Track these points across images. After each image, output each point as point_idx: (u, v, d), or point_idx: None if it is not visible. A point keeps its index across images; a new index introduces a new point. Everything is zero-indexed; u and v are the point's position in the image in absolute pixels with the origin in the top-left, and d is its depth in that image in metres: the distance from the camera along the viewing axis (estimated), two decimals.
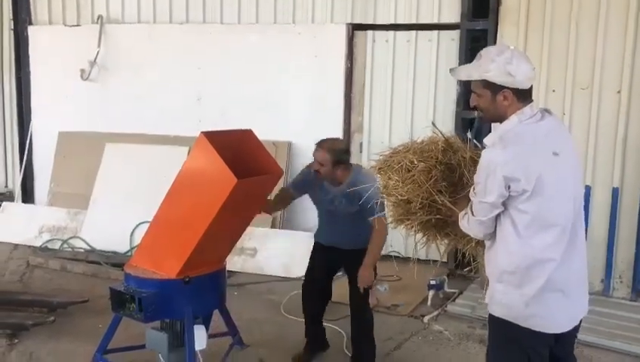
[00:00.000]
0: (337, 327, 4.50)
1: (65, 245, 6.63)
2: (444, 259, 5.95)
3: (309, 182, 3.89)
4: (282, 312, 4.94)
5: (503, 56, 2.36)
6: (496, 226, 2.42)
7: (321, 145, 3.76)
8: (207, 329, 3.64)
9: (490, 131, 5.52)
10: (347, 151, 3.88)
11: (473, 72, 2.43)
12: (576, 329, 2.55)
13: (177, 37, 6.98)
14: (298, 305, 4.62)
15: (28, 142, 7.81)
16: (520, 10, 5.48)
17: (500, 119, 2.42)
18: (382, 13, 6.19)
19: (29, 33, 7.68)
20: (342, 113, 6.33)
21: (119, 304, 3.47)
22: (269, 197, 3.84)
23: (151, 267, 3.48)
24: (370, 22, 6.26)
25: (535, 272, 2.34)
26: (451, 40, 5.96)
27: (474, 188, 2.44)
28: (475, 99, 2.46)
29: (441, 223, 2.80)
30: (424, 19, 6.05)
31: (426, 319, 4.86)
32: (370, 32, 6.28)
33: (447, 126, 6.01)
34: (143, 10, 7.19)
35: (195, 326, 3.45)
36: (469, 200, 2.51)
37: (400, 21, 6.14)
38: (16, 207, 7.49)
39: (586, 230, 5.09)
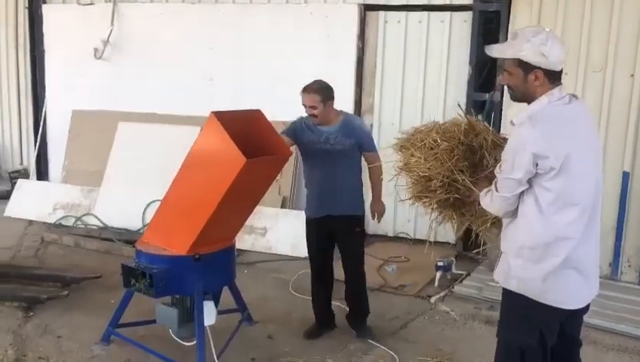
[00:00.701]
0: (345, 306, 4.55)
1: (78, 222, 6.74)
2: (452, 241, 6.04)
3: (300, 129, 4.00)
4: (290, 290, 5.02)
5: (539, 37, 2.41)
6: (518, 204, 2.48)
7: (306, 90, 3.89)
8: (216, 305, 3.73)
9: (501, 114, 5.56)
10: (331, 87, 3.97)
11: (507, 50, 2.49)
12: (586, 308, 2.63)
13: (190, 16, 6.98)
14: (306, 284, 4.71)
15: (42, 120, 7.90)
16: None
17: (529, 98, 2.47)
18: None
19: (44, 11, 7.72)
20: (353, 94, 6.32)
21: (131, 279, 3.56)
22: None
23: (162, 244, 3.56)
24: (383, 2, 6.22)
25: (554, 249, 2.41)
26: (464, 21, 5.92)
27: (500, 166, 2.50)
28: (506, 77, 2.52)
29: (458, 203, 2.86)
30: (437, 0, 6.01)
31: (432, 299, 4.91)
32: (382, 13, 6.24)
33: (458, 108, 6.02)
34: None
35: (205, 302, 3.54)
36: (489, 182, 2.59)
37: (412, 2, 6.09)
38: (31, 184, 7.60)
39: None
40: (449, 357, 3.93)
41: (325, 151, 3.94)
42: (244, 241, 6.08)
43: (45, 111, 7.88)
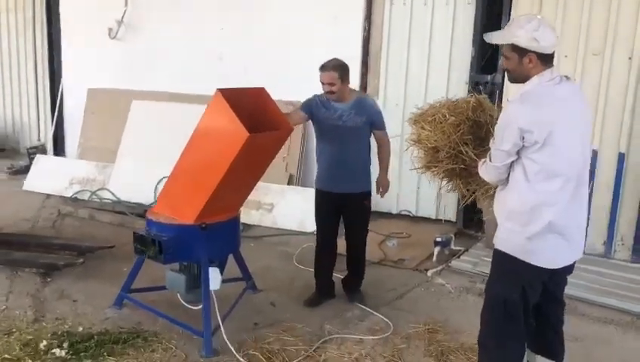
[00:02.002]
0: (341, 276, 4.76)
1: (93, 196, 7.01)
2: (453, 219, 6.21)
3: (316, 105, 4.18)
4: (294, 262, 5.25)
5: (531, 24, 2.67)
6: (509, 173, 2.76)
7: (325, 67, 4.08)
8: (221, 272, 3.95)
9: (501, 95, 5.69)
10: (347, 66, 4.18)
11: (504, 37, 2.76)
12: (569, 270, 2.90)
13: None
14: (309, 257, 4.93)
15: (59, 98, 8.16)
16: None
17: (524, 80, 2.73)
18: None
19: None
20: (359, 75, 6.48)
21: (142, 247, 3.80)
22: None
23: (171, 213, 3.79)
24: None
25: (539, 214, 2.68)
26: (467, 4, 6.04)
27: (494, 138, 2.78)
28: (504, 61, 2.79)
29: (464, 173, 3.15)
30: None
31: (429, 273, 5.11)
32: None
33: (460, 89, 6.16)
34: None
35: (210, 269, 3.76)
36: (488, 154, 2.86)
37: None
38: (49, 159, 7.89)
39: (591, 193, 5.28)
40: (441, 325, 4.14)
41: (338, 127, 4.13)
42: (251, 216, 6.31)
43: (62, 90, 8.14)
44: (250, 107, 3.56)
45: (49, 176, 7.38)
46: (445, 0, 6.16)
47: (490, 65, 6.16)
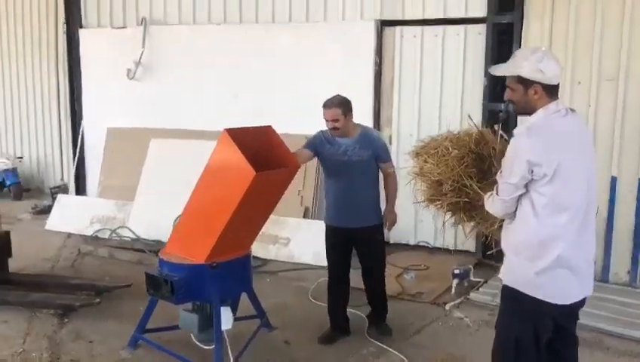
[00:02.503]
0: (359, 312, 4.71)
1: (113, 234, 7.09)
2: (472, 249, 6.13)
3: (320, 142, 4.21)
4: (310, 298, 5.21)
5: (535, 56, 2.68)
6: (517, 207, 2.72)
7: (328, 104, 4.12)
8: (234, 311, 3.94)
9: (515, 123, 5.69)
10: (350, 101, 4.19)
11: (509, 69, 2.77)
12: (579, 305, 2.82)
13: (216, 36, 7.31)
14: (325, 291, 4.88)
15: (80, 138, 8.34)
16: (545, 3, 5.53)
17: (530, 111, 2.72)
18: (410, 9, 6.34)
19: (80, 35, 8.20)
20: (372, 107, 6.52)
21: (154, 287, 3.82)
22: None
23: (182, 253, 3.81)
24: (399, 18, 6.41)
25: (547, 248, 2.63)
26: (478, 34, 6.06)
27: (501, 171, 2.76)
28: (509, 93, 2.79)
29: (468, 206, 3.11)
30: (451, 14, 6.17)
31: (447, 306, 5.02)
32: (398, 28, 6.44)
33: (474, 118, 6.10)
34: (183, 11, 7.56)
35: (222, 308, 3.75)
36: (494, 187, 2.83)
37: (428, 16, 6.27)
38: (70, 198, 8.03)
39: (612, 220, 5.18)
40: None
41: (344, 162, 4.14)
42: (268, 251, 6.32)
43: (82, 130, 8.32)
44: (258, 145, 3.59)
45: (70, 215, 7.50)
46: (456, 31, 6.19)
47: (503, 94, 6.13)
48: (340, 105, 4.07)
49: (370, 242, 4.28)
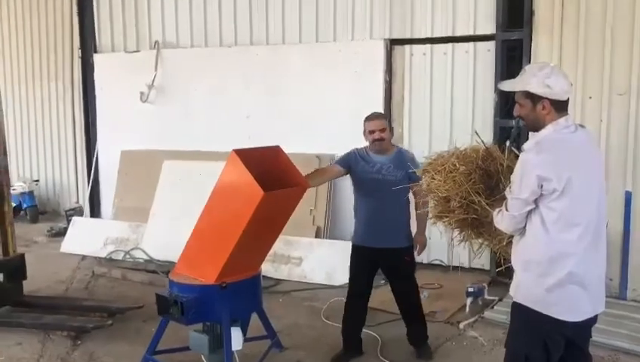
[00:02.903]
0: (373, 332, 4.67)
1: (127, 256, 7.13)
2: (487, 267, 6.06)
3: (355, 158, 4.19)
4: (322, 318, 5.17)
5: (543, 72, 2.68)
6: (526, 223, 2.70)
7: (374, 116, 4.19)
8: (244, 332, 3.93)
9: (527, 140, 5.67)
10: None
11: (517, 84, 2.77)
12: (591, 322, 2.78)
13: (227, 58, 7.40)
14: (337, 311, 4.85)
15: (94, 161, 8.44)
16: (554, 18, 5.53)
17: (539, 127, 2.72)
18: (419, 27, 6.37)
19: (95, 60, 8.34)
20: None
21: (164, 308, 3.82)
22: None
23: (192, 274, 3.81)
24: (408, 36, 6.44)
25: (558, 264, 2.62)
26: (487, 51, 6.06)
27: (510, 187, 2.73)
28: (518, 108, 2.79)
29: (476, 223, 3.08)
30: (460, 32, 6.18)
31: (461, 325, 4.96)
32: (407, 47, 6.47)
33: (486, 135, 6.10)
34: (195, 34, 7.67)
35: (232, 329, 3.74)
36: (502, 205, 2.80)
37: (437, 34, 6.29)
38: (85, 221, 8.09)
39: (628, 235, 5.10)
40: None
41: (377, 180, 4.09)
42: (280, 271, 6.31)
43: (97, 153, 8.42)
44: (266, 165, 3.60)
45: (85, 238, 7.56)
46: (465, 48, 6.20)
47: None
48: (386, 117, 4.21)
49: (398, 264, 4.22)
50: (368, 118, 4.16)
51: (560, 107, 2.68)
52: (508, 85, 2.88)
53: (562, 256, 2.62)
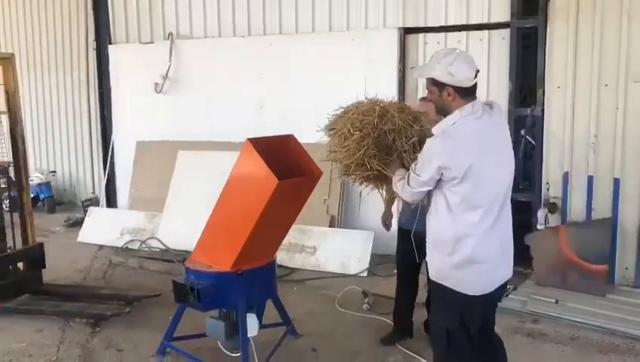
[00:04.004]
0: (387, 319, 4.69)
1: (143, 245, 7.21)
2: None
3: None
4: (336, 306, 5.20)
5: (447, 59, 2.76)
6: (432, 203, 2.89)
7: (421, 98, 4.22)
8: (259, 318, 3.96)
9: (543, 127, 5.64)
10: None
11: (424, 71, 2.89)
12: (501, 291, 3.00)
13: (241, 48, 7.41)
14: (352, 300, 4.91)
15: (110, 151, 8.53)
16: (569, 5, 5.48)
17: (446, 113, 2.81)
18: (432, 15, 6.34)
19: (110, 51, 8.40)
20: None
21: (181, 295, 3.87)
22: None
23: (208, 261, 3.85)
24: (422, 25, 6.42)
25: (462, 243, 2.79)
26: (502, 39, 6.02)
27: (416, 163, 2.87)
28: (428, 94, 2.90)
29: (381, 176, 3.16)
30: (474, 20, 6.15)
31: None
32: (421, 35, 6.45)
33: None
34: (209, 25, 7.69)
35: (248, 315, 3.78)
36: (399, 164, 3.02)
37: (450, 23, 6.26)
38: (101, 211, 8.19)
39: None
40: None
41: None
42: (294, 260, 6.35)
43: (112, 143, 8.50)
44: (280, 154, 3.63)
45: (101, 228, 7.65)
46: (479, 36, 6.16)
47: (529, 99, 6.09)
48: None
49: (423, 249, 4.21)
50: (421, 99, 4.21)
51: (465, 93, 2.76)
52: (417, 72, 3.01)
53: (465, 236, 2.77)
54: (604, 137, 5.44)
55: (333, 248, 6.33)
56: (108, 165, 8.55)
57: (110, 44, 8.41)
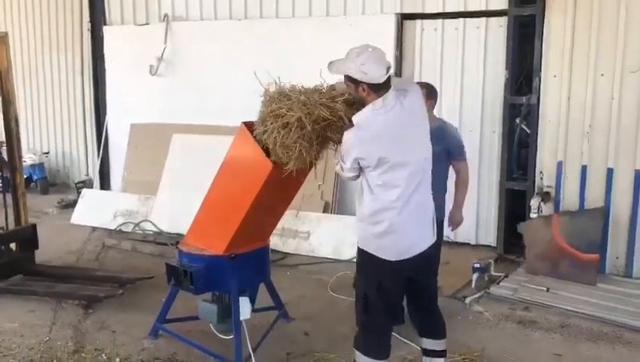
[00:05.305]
0: None
1: (136, 228, 7.21)
2: (494, 244, 6.06)
3: None
4: (329, 290, 5.23)
5: (360, 58, 2.99)
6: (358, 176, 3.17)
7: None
8: (252, 302, 3.98)
9: (538, 116, 5.62)
10: (436, 90, 4.27)
11: (340, 67, 3.08)
12: (422, 259, 3.20)
13: (237, 32, 7.36)
14: (344, 285, 4.91)
15: (104, 133, 8.48)
16: None
17: (365, 104, 3.04)
18: (430, 2, 6.31)
19: (104, 32, 8.31)
20: None
21: (174, 277, 3.89)
22: None
23: (201, 245, 3.86)
24: (419, 11, 6.39)
25: (381, 217, 3.09)
26: (499, 26, 6.00)
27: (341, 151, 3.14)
28: (348, 88, 3.12)
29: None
30: (472, 7, 6.13)
31: (467, 300, 5.00)
32: (418, 21, 6.42)
33: (496, 111, 6.11)
34: (205, 8, 7.63)
35: (240, 298, 3.80)
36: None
37: (448, 9, 6.24)
38: (94, 193, 8.16)
39: (636, 216, 5.10)
40: (477, 354, 4.04)
41: None
42: (288, 245, 6.36)
43: (107, 126, 8.45)
44: None
45: (95, 210, 7.63)
46: (477, 24, 6.14)
47: (525, 87, 6.09)
48: (424, 87, 4.05)
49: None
50: None
51: (378, 88, 2.98)
52: (334, 67, 3.10)
53: (384, 211, 3.06)
54: (598, 127, 5.45)
55: (326, 233, 6.34)
56: (102, 147, 8.51)
57: (105, 25, 8.32)
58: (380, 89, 2.99)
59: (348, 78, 3.05)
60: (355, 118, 3.05)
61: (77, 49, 9.18)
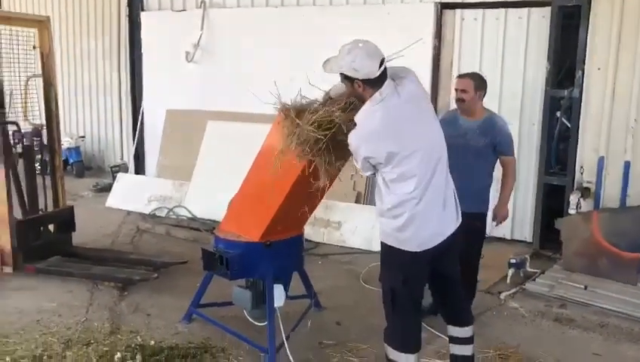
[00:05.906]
0: None
1: (170, 213, 7.28)
2: (529, 239, 5.94)
3: (445, 119, 4.05)
4: (361, 281, 5.21)
5: (350, 56, 2.94)
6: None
7: (462, 75, 4.17)
8: (286, 289, 3.98)
9: (580, 110, 5.50)
10: (485, 81, 4.16)
11: (334, 66, 3.04)
12: (447, 247, 3.14)
13: (273, 19, 7.34)
14: (376, 276, 4.82)
15: (140, 119, 8.57)
16: None
17: (363, 101, 3.01)
18: None
19: (142, 18, 8.38)
20: (429, 91, 6.39)
21: (210, 263, 3.91)
22: None
23: (237, 231, 3.86)
24: (459, 0, 6.26)
25: (401, 209, 3.03)
26: (542, 17, 5.85)
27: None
28: (345, 86, 3.09)
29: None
30: None
31: (502, 296, 4.93)
32: (458, 11, 6.29)
33: (535, 105, 5.97)
34: None
35: (275, 286, 3.80)
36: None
37: None
38: (129, 177, 8.27)
39: None
40: (512, 351, 3.97)
41: (460, 145, 3.89)
42: (319, 234, 6.35)
43: (142, 111, 8.54)
44: None
45: (129, 194, 7.73)
46: (518, 14, 6.00)
47: (567, 80, 5.94)
48: (474, 78, 4.01)
49: (469, 229, 3.80)
50: (458, 76, 4.12)
51: (374, 83, 2.93)
52: (328, 66, 3.05)
53: (403, 203, 3.01)
54: None
55: (358, 224, 6.31)
56: (137, 132, 8.60)
57: (142, 10, 8.39)
58: (376, 83, 2.94)
59: (343, 76, 3.02)
60: (356, 118, 3.01)
61: (114, 34, 9.28)
